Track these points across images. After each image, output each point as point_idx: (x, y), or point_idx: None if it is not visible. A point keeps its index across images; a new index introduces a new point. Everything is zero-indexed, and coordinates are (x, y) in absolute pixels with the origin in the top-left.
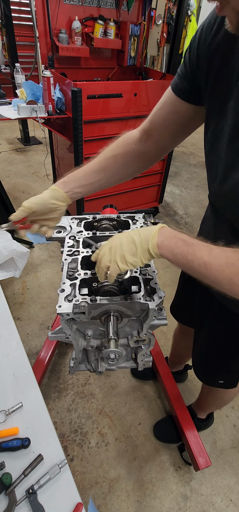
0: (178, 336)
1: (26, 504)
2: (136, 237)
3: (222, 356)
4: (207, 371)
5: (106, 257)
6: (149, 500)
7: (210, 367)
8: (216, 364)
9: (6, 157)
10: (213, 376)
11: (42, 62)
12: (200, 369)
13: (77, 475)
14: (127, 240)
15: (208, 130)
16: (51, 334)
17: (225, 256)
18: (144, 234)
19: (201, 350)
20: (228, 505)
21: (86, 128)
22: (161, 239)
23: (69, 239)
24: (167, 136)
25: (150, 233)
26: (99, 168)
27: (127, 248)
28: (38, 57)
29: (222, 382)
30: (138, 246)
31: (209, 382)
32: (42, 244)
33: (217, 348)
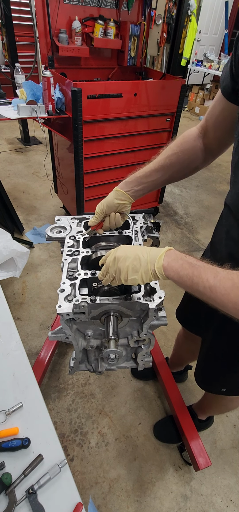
0: (181, 340)
1: (26, 504)
2: (142, 254)
3: (224, 364)
4: (208, 379)
5: (112, 268)
6: (149, 500)
7: (212, 375)
8: (218, 372)
9: (6, 157)
10: (215, 384)
11: (42, 62)
12: (201, 377)
13: (77, 475)
14: (132, 256)
15: None
16: (51, 334)
17: (231, 279)
18: (151, 255)
19: (203, 360)
20: (228, 505)
21: (86, 128)
22: (167, 261)
23: (69, 239)
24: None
25: (156, 255)
26: (158, 167)
27: (130, 263)
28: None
29: (225, 390)
30: (142, 264)
31: (211, 390)
32: (42, 244)
33: (219, 356)
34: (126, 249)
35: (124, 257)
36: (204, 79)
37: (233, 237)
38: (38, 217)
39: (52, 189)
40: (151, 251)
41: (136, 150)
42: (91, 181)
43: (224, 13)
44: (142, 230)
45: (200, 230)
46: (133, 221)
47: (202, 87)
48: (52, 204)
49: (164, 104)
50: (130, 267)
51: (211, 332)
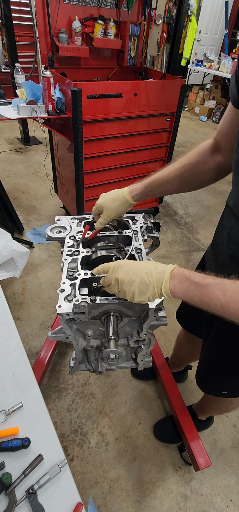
0: (182, 342)
1: (26, 504)
2: (147, 278)
3: (225, 367)
4: (209, 381)
5: (114, 287)
6: (149, 500)
7: (213, 378)
8: (219, 375)
9: (6, 157)
10: (216, 387)
11: (42, 62)
12: (203, 381)
13: (77, 475)
14: (138, 279)
15: None
16: (51, 334)
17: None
18: (156, 277)
19: (204, 362)
20: (228, 505)
21: (86, 128)
22: (173, 283)
23: (69, 239)
24: (233, 142)
25: (162, 278)
26: (174, 176)
27: (136, 288)
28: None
29: (226, 393)
30: (150, 289)
31: (212, 392)
32: (42, 244)
33: (221, 359)
34: (129, 270)
35: (129, 281)
36: (204, 79)
37: (235, 239)
38: (38, 217)
39: (52, 189)
40: (155, 272)
41: (136, 150)
42: (91, 181)
43: (224, 13)
44: (142, 230)
45: (200, 230)
46: (133, 221)
47: (202, 87)
48: (52, 204)
49: (164, 104)
50: (136, 291)
51: (213, 334)
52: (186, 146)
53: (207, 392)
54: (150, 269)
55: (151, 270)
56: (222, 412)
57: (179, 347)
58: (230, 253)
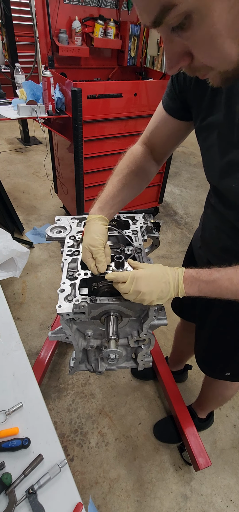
0: (180, 333)
1: (26, 504)
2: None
3: (229, 349)
4: (214, 365)
5: (131, 296)
6: (149, 500)
7: (217, 361)
8: (223, 357)
9: (6, 157)
10: (220, 369)
11: (42, 62)
12: (206, 363)
13: (77, 475)
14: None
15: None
16: (51, 334)
17: None
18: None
19: (207, 346)
20: (228, 505)
21: (86, 128)
22: (187, 286)
23: (69, 239)
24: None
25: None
26: (122, 186)
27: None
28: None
29: (229, 375)
30: (169, 294)
31: (216, 375)
32: (42, 244)
33: (223, 341)
34: (149, 282)
35: (149, 292)
36: None
37: (224, 230)
38: (38, 217)
39: (52, 189)
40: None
41: None
42: (91, 181)
43: None
44: (142, 230)
45: None
46: (133, 221)
47: None
48: (52, 204)
49: None
50: (155, 298)
51: (213, 317)
52: (186, 146)
53: (211, 375)
54: (168, 278)
55: (169, 279)
56: (219, 402)
57: (177, 340)
58: (221, 244)
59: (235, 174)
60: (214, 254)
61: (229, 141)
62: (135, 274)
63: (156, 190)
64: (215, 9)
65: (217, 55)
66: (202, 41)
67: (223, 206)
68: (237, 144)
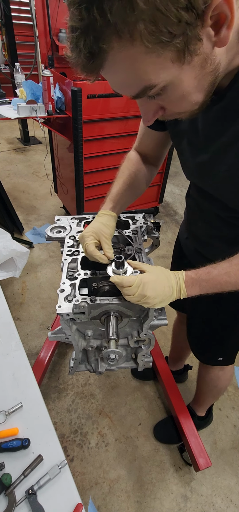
0: (177, 328)
1: (26, 505)
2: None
3: (219, 334)
4: (206, 350)
5: (135, 299)
6: (149, 500)
7: (209, 346)
8: (214, 342)
9: (6, 157)
10: (213, 355)
11: (42, 62)
12: (199, 349)
13: (77, 476)
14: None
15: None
16: (51, 334)
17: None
18: (176, 288)
19: (198, 331)
20: (228, 505)
21: (86, 128)
22: (189, 288)
23: (69, 239)
24: (157, 154)
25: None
26: (127, 187)
27: (160, 299)
28: (38, 57)
29: (222, 359)
30: (171, 298)
31: (209, 361)
32: (42, 244)
33: (214, 327)
34: (156, 287)
35: (154, 296)
36: None
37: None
38: (38, 217)
39: (52, 189)
40: (175, 283)
41: None
42: (91, 181)
43: None
44: (142, 230)
45: None
46: (133, 221)
47: None
48: (52, 204)
49: None
50: (158, 302)
51: (203, 305)
52: None
53: (205, 361)
54: (171, 283)
55: (172, 283)
56: (215, 394)
57: (175, 336)
58: (206, 233)
59: (208, 174)
60: (201, 242)
61: (196, 146)
62: (142, 279)
63: (156, 190)
64: (185, 80)
65: (186, 105)
66: (174, 100)
67: (204, 199)
68: (203, 149)
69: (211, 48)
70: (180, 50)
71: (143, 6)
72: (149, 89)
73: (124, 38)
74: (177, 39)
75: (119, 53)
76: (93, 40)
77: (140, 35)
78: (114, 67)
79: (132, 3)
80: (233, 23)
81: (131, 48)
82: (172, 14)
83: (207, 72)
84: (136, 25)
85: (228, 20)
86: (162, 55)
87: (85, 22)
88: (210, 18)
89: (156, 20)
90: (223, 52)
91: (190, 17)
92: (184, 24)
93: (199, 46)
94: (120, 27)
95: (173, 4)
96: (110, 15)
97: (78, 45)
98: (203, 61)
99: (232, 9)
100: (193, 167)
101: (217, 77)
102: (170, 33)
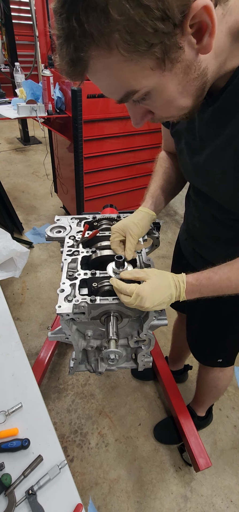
0: (177, 328)
1: (26, 505)
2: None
3: (218, 335)
4: (205, 352)
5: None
6: (149, 501)
7: (208, 348)
8: (213, 344)
9: (6, 157)
10: (212, 356)
11: (42, 61)
12: (199, 351)
13: (77, 476)
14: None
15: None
16: (51, 334)
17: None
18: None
19: (197, 333)
20: (229, 506)
21: (86, 128)
22: (188, 294)
23: (69, 239)
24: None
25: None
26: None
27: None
28: (38, 56)
29: (221, 361)
30: (169, 303)
31: (209, 362)
32: (42, 244)
33: (213, 328)
34: (154, 299)
35: (153, 306)
36: None
37: (206, 221)
38: (38, 217)
39: (52, 189)
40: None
41: (136, 149)
42: (91, 181)
43: None
44: None
45: None
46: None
47: None
48: (52, 204)
49: None
50: (156, 305)
51: (201, 307)
52: None
53: (205, 362)
54: (172, 291)
55: (172, 292)
56: (215, 395)
57: (175, 336)
58: (204, 234)
59: (203, 175)
60: (199, 243)
61: (192, 146)
62: (139, 292)
63: None
64: (168, 86)
65: (173, 110)
66: (160, 105)
67: (202, 200)
68: (198, 150)
69: (194, 55)
70: (159, 58)
71: (117, 17)
72: (131, 95)
73: (101, 47)
74: (155, 48)
75: (98, 61)
76: (73, 48)
77: (116, 45)
78: (96, 74)
79: (107, 14)
80: (215, 31)
81: (109, 56)
82: (146, 25)
83: (192, 78)
84: (111, 35)
85: (210, 28)
86: (141, 63)
87: (66, 31)
88: (190, 26)
89: (131, 30)
90: (211, 57)
91: (166, 27)
92: (161, 34)
93: (180, 53)
94: (96, 36)
95: (148, 15)
96: (87, 25)
97: (62, 52)
98: (186, 67)
99: (212, 17)
100: (190, 167)
101: (206, 82)
102: (146, 42)
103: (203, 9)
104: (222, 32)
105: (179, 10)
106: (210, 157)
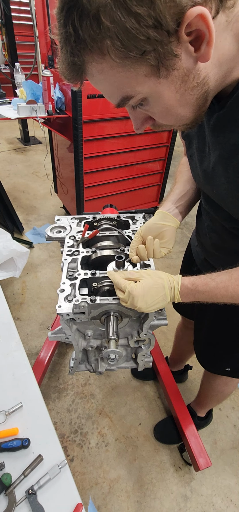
0: (181, 331)
1: (26, 505)
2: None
3: (228, 344)
4: (213, 360)
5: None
6: (149, 500)
7: (217, 356)
8: (222, 352)
9: (6, 157)
10: (220, 365)
11: (42, 62)
12: (207, 359)
13: (77, 476)
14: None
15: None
16: (51, 334)
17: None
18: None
19: (206, 340)
20: (228, 505)
21: (86, 128)
22: (183, 296)
23: (69, 239)
24: None
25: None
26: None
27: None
28: (38, 57)
29: (229, 370)
30: (162, 305)
31: (216, 371)
32: (42, 244)
33: (222, 337)
34: (147, 300)
35: (146, 307)
36: None
37: (215, 230)
38: (38, 217)
39: (52, 189)
40: (169, 291)
41: (136, 149)
42: (91, 181)
43: None
44: None
45: None
46: (133, 221)
47: None
48: (52, 204)
49: None
50: (151, 309)
51: (211, 314)
52: None
53: (212, 370)
54: (165, 292)
55: (165, 293)
56: (219, 399)
57: (178, 338)
58: (212, 243)
59: (212, 182)
60: (208, 252)
61: (202, 151)
62: (131, 291)
63: (156, 190)
64: (165, 93)
65: (172, 119)
66: (158, 112)
67: (211, 207)
68: (208, 155)
69: (192, 63)
70: (154, 65)
71: (109, 24)
72: (127, 100)
73: (94, 52)
74: (148, 55)
75: (93, 66)
76: (69, 53)
77: (108, 51)
78: (94, 79)
79: (98, 21)
80: (213, 40)
81: (103, 61)
82: (138, 32)
83: (190, 87)
84: (103, 41)
85: (207, 37)
86: (134, 69)
87: (63, 36)
88: (187, 34)
89: (122, 37)
90: (213, 66)
91: (159, 35)
92: (154, 41)
93: (176, 61)
94: (89, 42)
95: (139, 23)
96: (81, 32)
97: (61, 56)
98: (184, 75)
99: (208, 26)
100: (200, 173)
101: (208, 91)
102: (138, 49)
103: (198, 17)
104: (226, 40)
105: (172, 18)
106: (216, 165)
